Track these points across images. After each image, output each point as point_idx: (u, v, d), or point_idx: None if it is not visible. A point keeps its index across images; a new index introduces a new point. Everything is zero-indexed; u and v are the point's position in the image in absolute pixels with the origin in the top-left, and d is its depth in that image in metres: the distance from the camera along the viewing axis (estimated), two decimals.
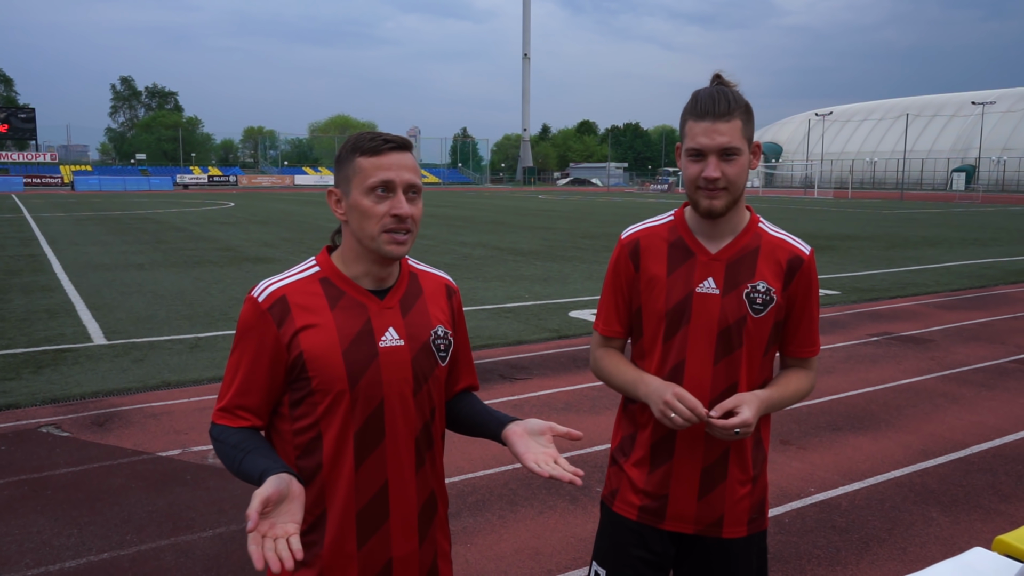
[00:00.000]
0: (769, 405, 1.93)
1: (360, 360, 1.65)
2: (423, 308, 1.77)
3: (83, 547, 3.78)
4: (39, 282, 12.31)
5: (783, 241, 1.99)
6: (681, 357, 1.95)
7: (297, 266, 1.76)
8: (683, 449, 1.97)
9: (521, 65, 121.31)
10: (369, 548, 1.69)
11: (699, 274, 1.95)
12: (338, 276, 1.70)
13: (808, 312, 2.00)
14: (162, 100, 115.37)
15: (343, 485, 1.66)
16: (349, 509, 1.67)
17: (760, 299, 1.93)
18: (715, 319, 1.93)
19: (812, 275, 1.99)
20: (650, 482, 2.01)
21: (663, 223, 2.06)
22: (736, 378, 1.94)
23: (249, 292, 1.71)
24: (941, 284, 12.50)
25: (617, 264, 2.07)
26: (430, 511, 1.79)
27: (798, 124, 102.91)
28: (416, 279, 1.81)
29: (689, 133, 1.87)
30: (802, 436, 5.39)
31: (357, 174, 1.64)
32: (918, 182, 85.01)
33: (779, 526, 4.04)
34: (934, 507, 4.27)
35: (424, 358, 1.73)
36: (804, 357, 2.04)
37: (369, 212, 1.63)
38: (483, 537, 3.90)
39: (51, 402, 6.08)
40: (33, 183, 74.88)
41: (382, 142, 1.64)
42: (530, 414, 5.80)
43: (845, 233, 22.93)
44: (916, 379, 6.87)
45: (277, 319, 1.64)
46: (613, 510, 2.09)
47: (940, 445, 5.23)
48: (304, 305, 1.66)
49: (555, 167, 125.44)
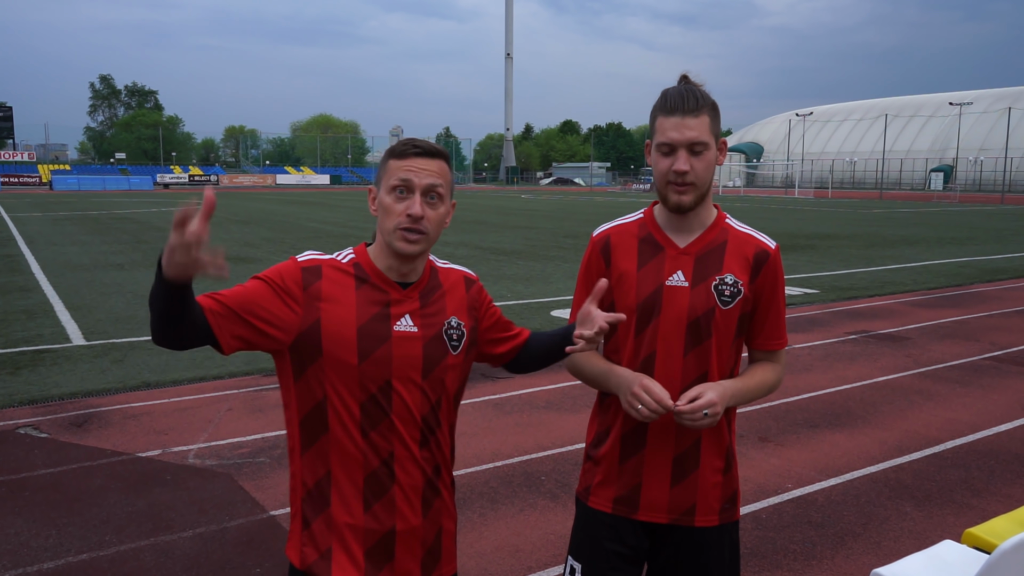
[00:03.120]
0: (735, 393, 1.97)
1: (373, 338, 1.77)
2: (441, 300, 1.89)
3: (61, 548, 3.76)
4: (16, 282, 12.19)
5: (750, 236, 2.05)
6: (652, 349, 1.99)
7: (337, 252, 1.90)
8: (655, 438, 2.01)
9: (504, 65, 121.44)
10: (373, 514, 1.79)
11: (668, 267, 2.00)
12: (369, 265, 1.84)
13: (775, 305, 2.05)
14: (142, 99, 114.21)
15: (350, 449, 1.78)
16: (355, 473, 1.78)
17: (728, 291, 1.98)
18: (684, 311, 1.97)
19: (778, 269, 2.04)
20: (623, 472, 2.05)
21: (633, 220, 2.11)
22: (706, 368, 1.99)
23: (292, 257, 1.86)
24: (918, 283, 12.66)
25: (589, 261, 2.12)
26: (434, 487, 1.88)
27: (779, 124, 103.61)
28: (437, 274, 1.93)
29: (659, 129, 1.93)
30: (780, 433, 5.45)
31: (385, 174, 1.80)
32: (897, 182, 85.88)
33: (756, 521, 4.10)
34: (908, 502, 4.34)
35: (435, 346, 1.84)
36: (772, 349, 2.08)
37: (389, 209, 1.78)
38: (463, 535, 3.92)
39: (29, 403, 6.04)
40: (10, 183, 73.98)
41: (411, 147, 1.78)
42: (511, 413, 5.84)
43: (824, 232, 23.15)
44: (892, 376, 6.97)
45: (306, 280, 1.78)
46: (588, 505, 2.12)
47: (915, 441, 5.31)
48: (334, 279, 1.80)
49: (538, 167, 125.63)
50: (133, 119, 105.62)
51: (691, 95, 1.90)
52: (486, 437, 5.33)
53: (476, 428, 5.51)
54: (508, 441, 5.26)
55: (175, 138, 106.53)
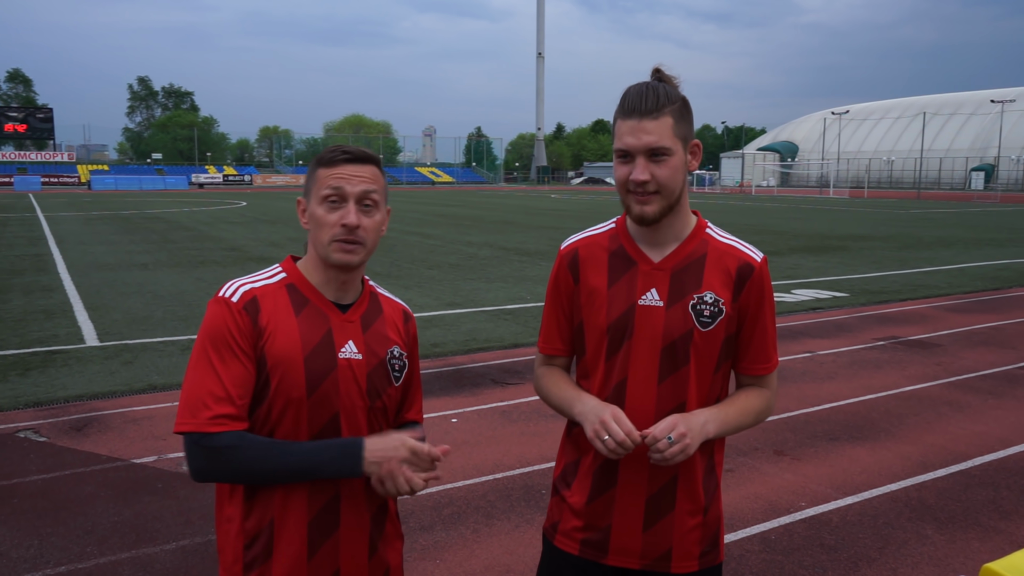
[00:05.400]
0: (715, 423, 1.76)
1: (319, 369, 1.65)
2: (382, 328, 1.78)
3: (41, 560, 3.66)
4: (41, 282, 12.28)
5: (732, 247, 1.84)
6: (624, 375, 1.79)
7: (263, 271, 1.76)
8: (626, 476, 1.81)
9: (535, 64, 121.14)
10: (319, 559, 1.66)
11: (641, 285, 1.80)
12: (303, 284, 1.72)
13: (761, 324, 1.84)
14: (178, 100, 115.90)
15: (295, 494, 1.64)
16: (301, 518, 1.65)
17: (708, 311, 1.77)
18: (659, 334, 1.77)
19: (765, 284, 1.83)
20: (592, 512, 1.85)
21: (604, 231, 1.92)
22: (683, 398, 1.78)
23: (217, 294, 1.67)
24: (953, 286, 12.22)
25: (557, 277, 1.93)
26: (380, 525, 1.76)
27: (814, 123, 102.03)
28: (377, 300, 1.83)
29: (617, 133, 1.74)
30: (797, 446, 5.20)
31: (316, 183, 1.68)
32: (936, 181, 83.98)
33: (764, 543, 3.87)
34: (930, 524, 4.08)
35: (379, 375, 1.74)
36: (758, 374, 1.87)
37: (321, 221, 1.66)
38: (454, 552, 3.75)
39: (34, 405, 5.99)
40: (51, 182, 75.47)
41: (339, 153, 1.67)
42: (517, 421, 5.65)
43: (857, 233, 22.60)
44: (920, 386, 6.66)
45: (252, 317, 1.63)
46: (554, 544, 1.93)
47: (940, 457, 5.03)
48: (272, 309, 1.66)
49: (569, 166, 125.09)
50: (169, 120, 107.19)
51: (651, 93, 1.69)
52: (488, 447, 5.16)
53: (479, 437, 5.34)
54: (511, 452, 5.07)
55: (210, 138, 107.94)
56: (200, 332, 1.63)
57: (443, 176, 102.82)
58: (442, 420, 5.68)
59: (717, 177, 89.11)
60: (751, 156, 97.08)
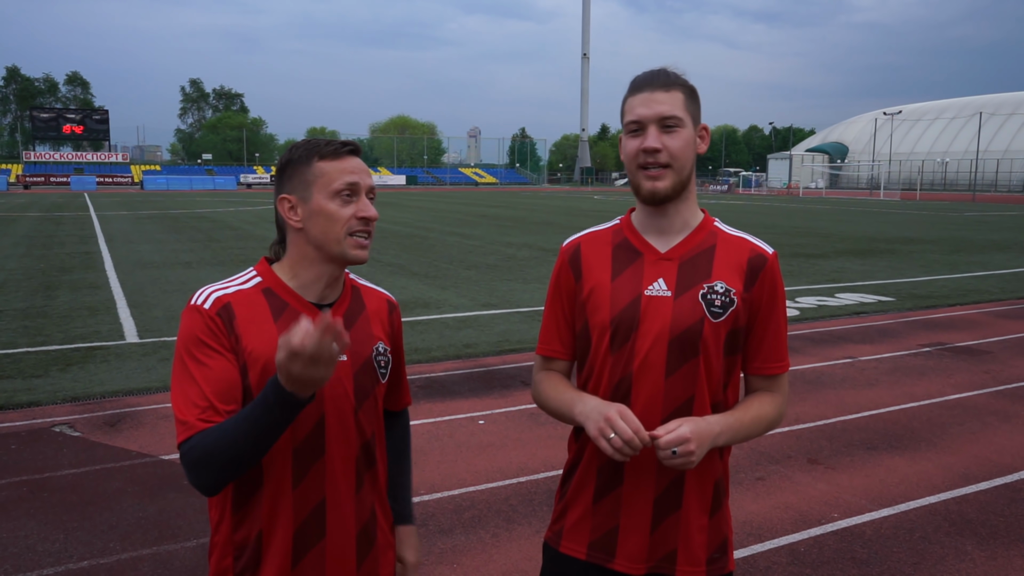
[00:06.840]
0: (723, 430, 1.67)
1: None
2: (365, 324, 1.72)
3: (64, 554, 3.71)
4: (88, 279, 12.58)
5: (743, 240, 1.78)
6: (629, 369, 1.72)
7: (236, 276, 1.69)
8: (632, 476, 1.74)
9: (580, 65, 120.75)
10: (302, 569, 1.61)
11: (648, 275, 1.73)
12: (281, 287, 1.65)
13: (775, 320, 1.76)
14: (229, 101, 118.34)
15: (281, 503, 1.59)
16: (286, 529, 1.60)
17: (719, 301, 1.70)
18: (667, 324, 1.70)
19: (777, 277, 1.76)
20: (598, 514, 1.78)
21: (607, 228, 1.86)
22: (692, 392, 1.70)
23: (189, 302, 1.60)
24: (1006, 291, 11.80)
25: (558, 276, 1.87)
26: (370, 535, 1.70)
27: (865, 124, 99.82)
28: (359, 294, 1.77)
29: (627, 109, 1.71)
30: (832, 455, 5.04)
31: (319, 178, 1.61)
32: (992, 184, 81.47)
33: (792, 555, 3.74)
34: (970, 539, 3.90)
35: (365, 375, 1.68)
36: (771, 374, 1.78)
37: (335, 215, 1.60)
38: (472, 557, 3.70)
39: (71, 400, 6.11)
40: (105, 182, 77.64)
41: (341, 146, 1.63)
42: (545, 424, 5.58)
43: (907, 236, 22.01)
44: (966, 394, 6.41)
45: (226, 323, 1.57)
46: (559, 551, 1.86)
47: (984, 469, 4.82)
48: (247, 315, 1.60)
49: (613, 167, 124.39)
50: (219, 121, 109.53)
51: (662, 72, 1.70)
52: (514, 450, 5.10)
53: (505, 440, 5.28)
54: (536, 455, 5.01)
55: (258, 139, 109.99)
56: (176, 345, 1.59)
57: (487, 177, 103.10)
58: (469, 422, 5.64)
59: (764, 179, 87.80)
60: (799, 157, 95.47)
